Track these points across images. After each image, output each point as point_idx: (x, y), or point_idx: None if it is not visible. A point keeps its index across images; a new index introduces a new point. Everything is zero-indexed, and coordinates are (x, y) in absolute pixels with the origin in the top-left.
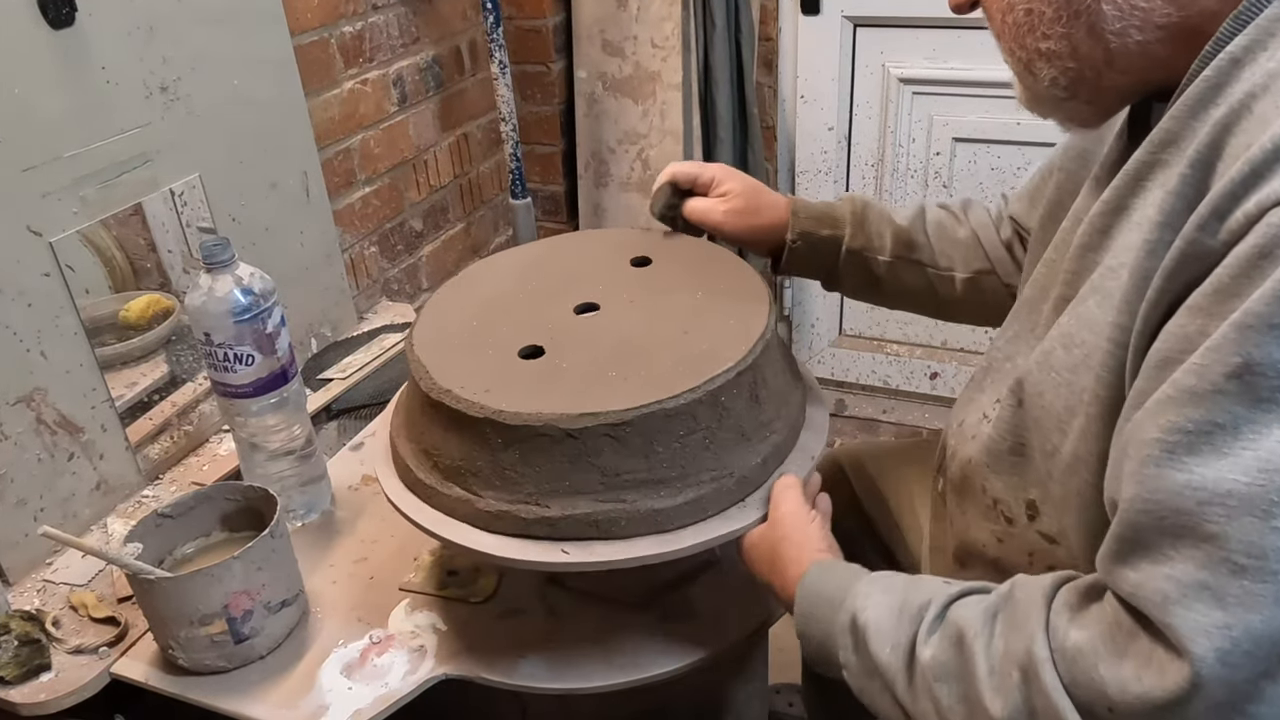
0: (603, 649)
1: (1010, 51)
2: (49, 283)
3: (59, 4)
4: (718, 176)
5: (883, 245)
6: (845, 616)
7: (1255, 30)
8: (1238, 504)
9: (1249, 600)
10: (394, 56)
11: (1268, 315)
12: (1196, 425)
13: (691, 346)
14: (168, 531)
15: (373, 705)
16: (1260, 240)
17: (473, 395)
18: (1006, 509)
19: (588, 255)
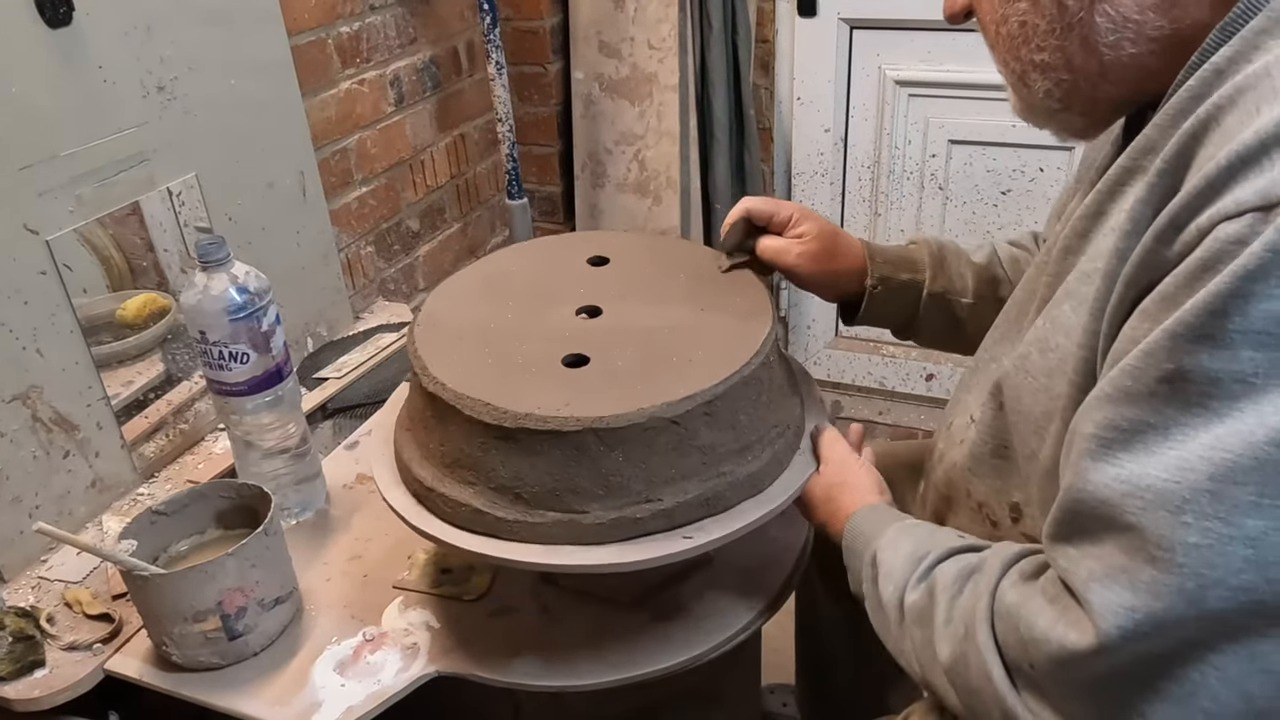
0: (595, 647)
1: (1004, 63)
2: (45, 280)
3: (56, 3)
4: (795, 215)
5: (965, 287)
6: (870, 553)
7: (1239, 42)
8: (1154, 499)
9: (1156, 588)
10: (391, 57)
11: (1198, 325)
12: (1130, 424)
13: (717, 326)
14: (162, 529)
15: (365, 702)
16: (1205, 253)
17: (557, 411)
18: (991, 512)
19: (555, 261)
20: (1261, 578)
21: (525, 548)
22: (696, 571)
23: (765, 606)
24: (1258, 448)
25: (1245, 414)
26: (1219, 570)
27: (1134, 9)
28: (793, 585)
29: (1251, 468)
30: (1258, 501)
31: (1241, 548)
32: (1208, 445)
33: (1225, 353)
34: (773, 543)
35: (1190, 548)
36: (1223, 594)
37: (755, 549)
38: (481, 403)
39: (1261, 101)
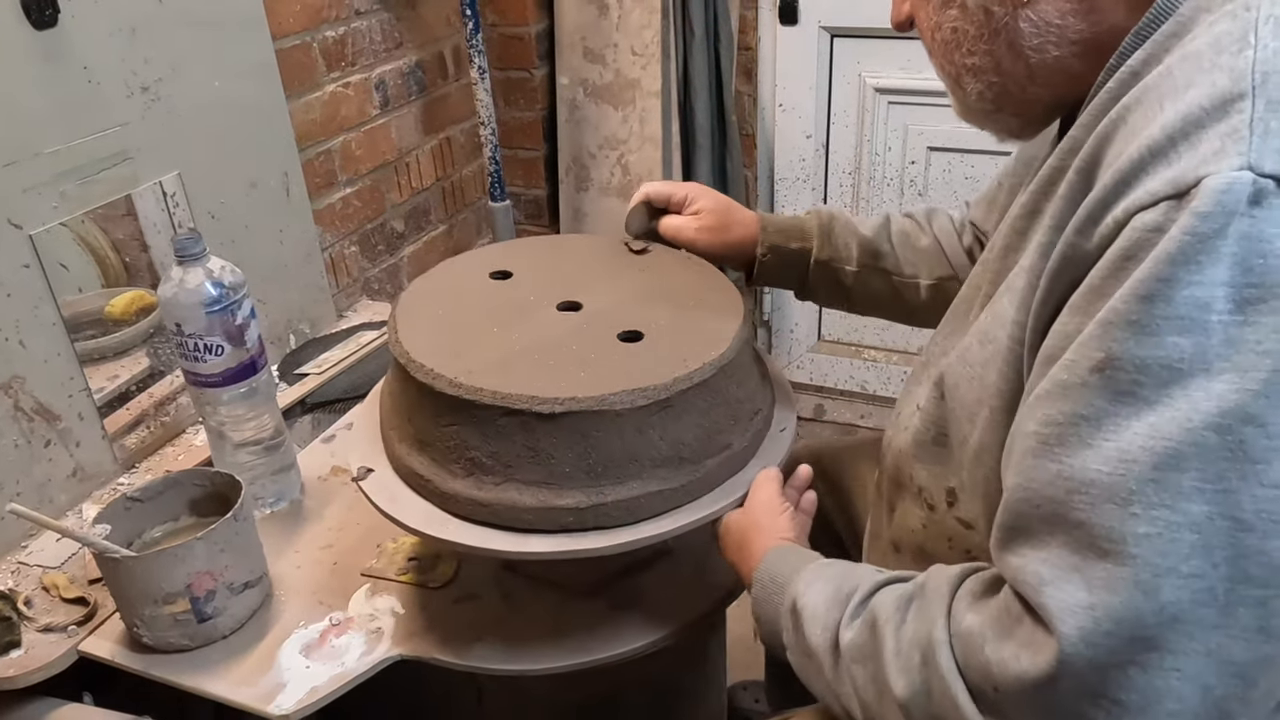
0: (554, 633)
1: (941, 67)
2: (28, 274)
3: (42, 5)
4: (690, 194)
5: (849, 255)
6: (788, 600)
7: (1151, 45)
8: (1100, 493)
9: (1111, 583)
10: (376, 61)
11: (1126, 312)
12: (1066, 418)
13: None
14: (137, 515)
15: (329, 683)
16: (1125, 244)
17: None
18: (930, 496)
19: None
20: (1208, 562)
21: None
22: (656, 561)
23: (721, 597)
24: (1195, 433)
25: (1177, 400)
26: (1170, 558)
27: (1055, 14)
28: None
29: (1191, 454)
30: (1199, 486)
31: (1189, 534)
32: (1145, 434)
33: (1152, 339)
34: None
35: (1141, 538)
36: (1176, 583)
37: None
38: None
39: (1164, 98)
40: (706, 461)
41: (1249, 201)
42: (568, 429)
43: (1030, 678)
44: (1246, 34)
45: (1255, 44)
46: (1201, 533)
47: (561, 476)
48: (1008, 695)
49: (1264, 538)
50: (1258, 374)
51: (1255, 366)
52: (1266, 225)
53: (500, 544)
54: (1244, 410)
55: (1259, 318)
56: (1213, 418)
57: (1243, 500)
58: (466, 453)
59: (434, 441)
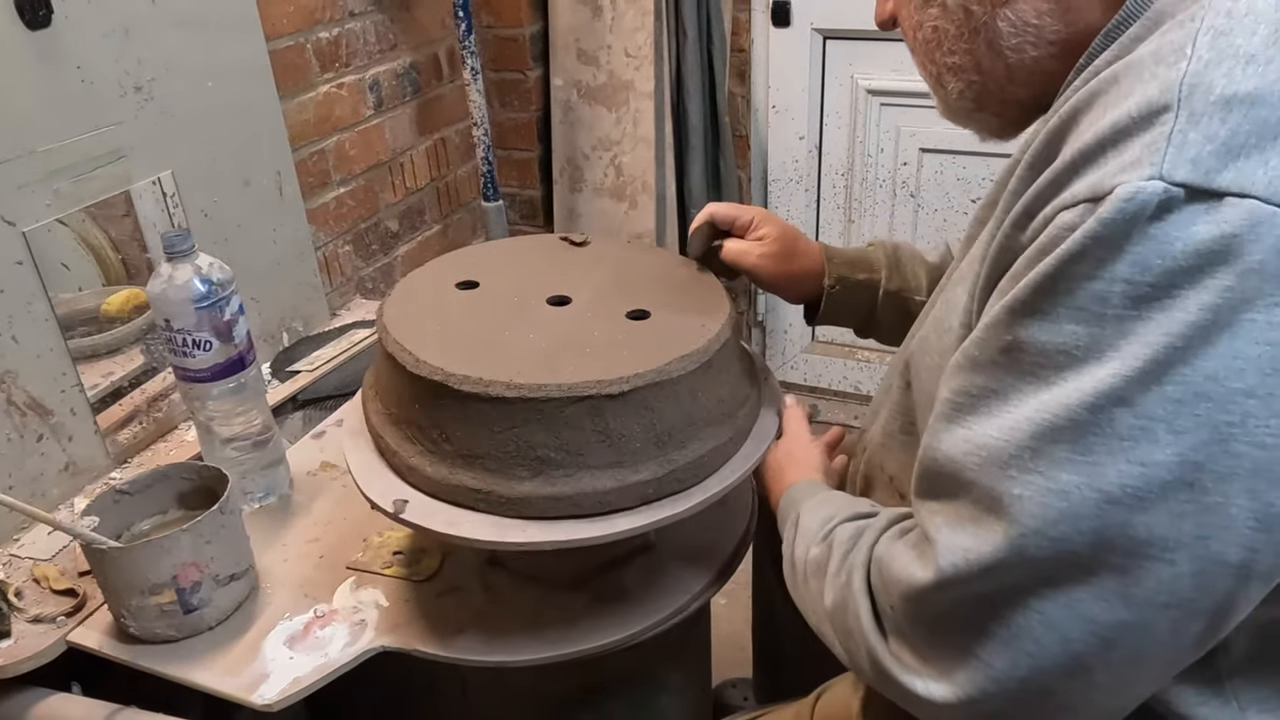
0: (536, 625)
1: (922, 66)
2: (21, 270)
3: (36, 6)
4: (756, 219)
5: (919, 285)
6: (794, 515)
7: (1119, 47)
8: (987, 456)
9: (985, 536)
10: (370, 62)
11: (1030, 301)
12: (978, 390)
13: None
14: (125, 508)
15: (312, 674)
16: (1045, 239)
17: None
18: (900, 485)
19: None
20: (1074, 529)
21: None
22: (638, 556)
23: (702, 591)
24: (1072, 410)
25: (1067, 381)
26: (1038, 520)
27: (1032, 14)
28: (731, 572)
29: (1066, 428)
30: (1070, 458)
31: (1057, 500)
32: (1033, 409)
33: (1052, 326)
34: (712, 530)
35: (1014, 499)
36: (1042, 543)
37: (695, 536)
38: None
39: (1109, 105)
40: (739, 413)
41: (1157, 208)
42: (635, 404)
43: (911, 590)
44: (1184, 45)
45: (1190, 55)
46: (1069, 501)
47: (633, 452)
48: (900, 608)
49: (1129, 512)
50: (1135, 362)
51: (1136, 355)
52: (1171, 229)
53: (598, 530)
54: (1116, 393)
55: (1150, 314)
56: (1088, 397)
57: (1109, 474)
58: (533, 452)
59: (489, 452)
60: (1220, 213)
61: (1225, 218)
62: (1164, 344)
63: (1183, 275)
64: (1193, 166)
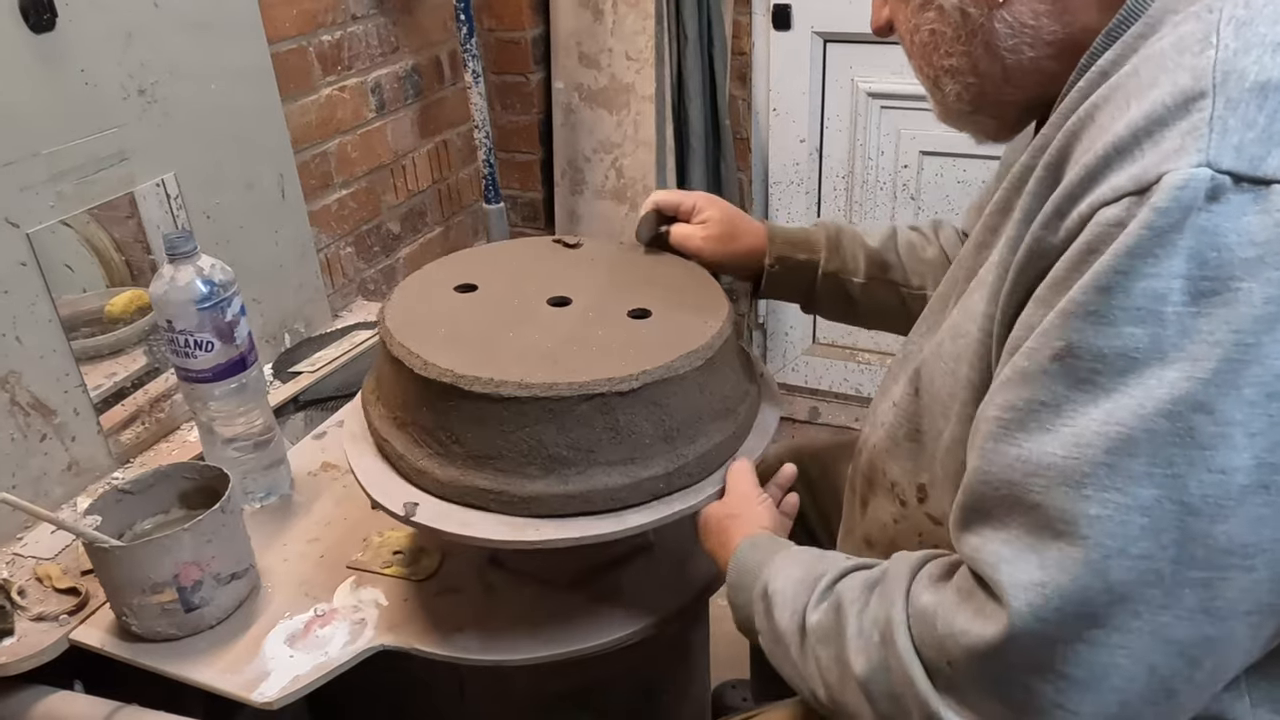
0: (534, 625)
1: (919, 69)
2: (25, 271)
3: (40, 9)
4: (699, 204)
5: (857, 267)
6: (760, 586)
7: (1121, 46)
8: (1055, 476)
9: (1062, 562)
10: (373, 65)
11: (1085, 303)
12: (1026, 404)
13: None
14: (127, 507)
15: (311, 672)
16: (1089, 237)
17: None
18: (901, 492)
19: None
20: (1156, 545)
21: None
22: (635, 556)
23: (699, 591)
24: (1147, 420)
25: (1131, 388)
26: (1119, 540)
27: (1029, 15)
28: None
29: (1143, 440)
30: (1149, 471)
31: (1138, 517)
32: (1100, 420)
33: (1109, 329)
34: None
35: (1092, 520)
36: (1125, 564)
37: (692, 536)
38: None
39: (1130, 97)
40: (740, 408)
41: (1206, 197)
42: (645, 400)
43: (979, 648)
44: (1209, 34)
45: (1217, 44)
46: (1151, 516)
47: (643, 448)
48: (960, 668)
49: (1210, 522)
50: (1208, 363)
51: (1206, 356)
52: (1222, 220)
53: (610, 526)
54: (1194, 398)
55: (1212, 309)
56: (1164, 405)
57: (1190, 485)
58: (544, 451)
59: (501, 452)
60: (1270, 200)
61: (1276, 205)
62: (1233, 341)
63: (1241, 267)
64: (1237, 154)
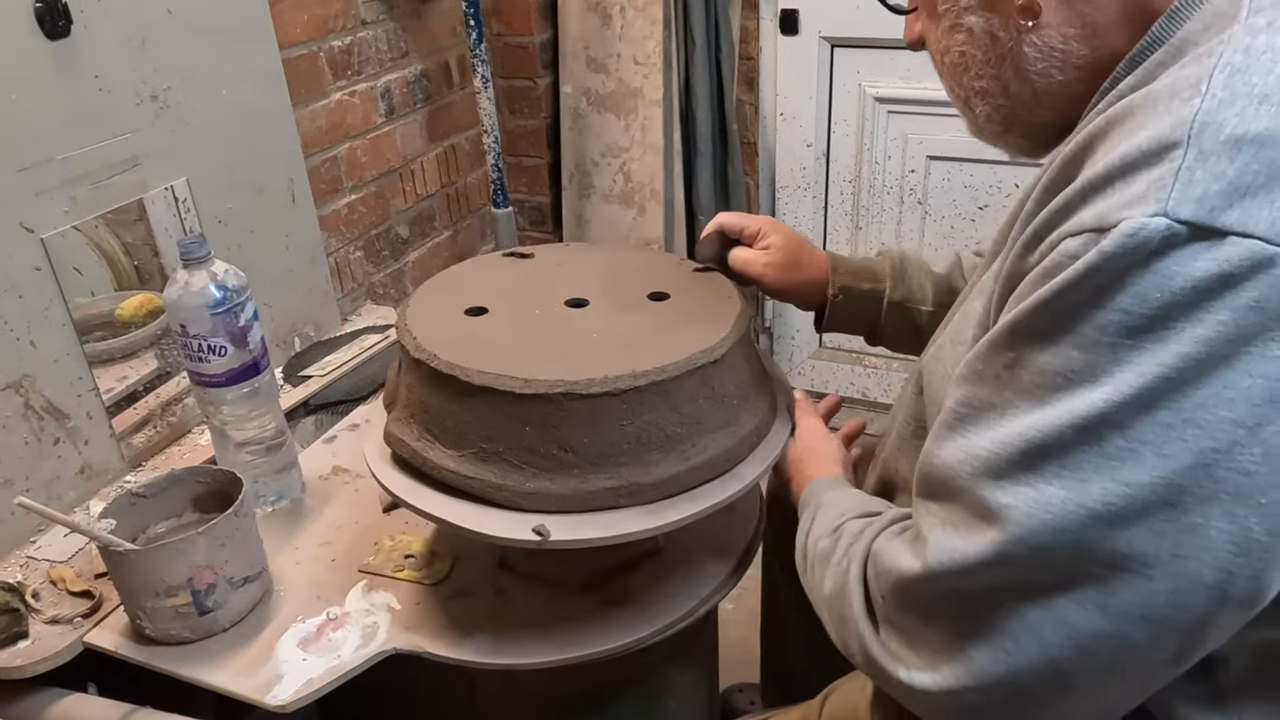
0: (545, 629)
1: (950, 89)
2: (39, 276)
3: (55, 16)
4: (764, 229)
5: (924, 295)
6: (813, 509)
7: (1141, 73)
8: (980, 466)
9: (972, 538)
10: (382, 70)
11: (1029, 322)
12: (980, 402)
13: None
14: (141, 510)
15: (324, 675)
16: (1049, 263)
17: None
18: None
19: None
20: (1056, 540)
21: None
22: (646, 560)
23: (710, 595)
24: (1063, 429)
25: (1060, 403)
26: (1022, 530)
27: (1059, 39)
28: (740, 575)
29: (1055, 445)
30: (1059, 473)
31: (1042, 511)
32: (1026, 425)
33: (1052, 349)
34: (720, 533)
35: (1003, 508)
36: (1024, 551)
37: (702, 539)
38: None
39: (1123, 136)
40: (762, 395)
41: (1160, 243)
42: (730, 365)
43: (903, 575)
44: (1200, 82)
45: (1205, 92)
46: (1053, 514)
47: (732, 408)
48: (890, 598)
49: (1110, 526)
50: (1129, 389)
51: (1130, 383)
52: (1172, 263)
53: (732, 487)
54: (1109, 416)
55: (1145, 344)
56: (1079, 419)
57: (1094, 490)
58: (661, 433)
59: (620, 447)
60: (1221, 250)
61: (1226, 255)
62: (1157, 373)
63: (1179, 309)
64: (1197, 205)
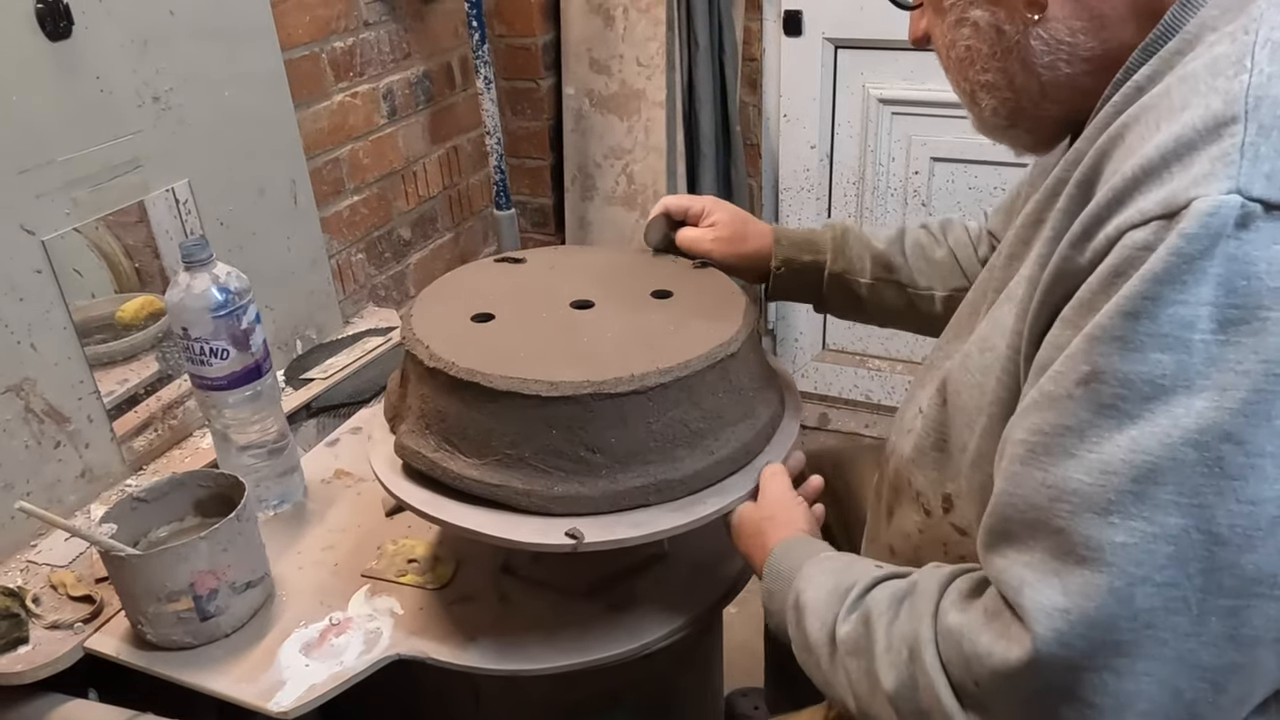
0: (549, 634)
1: (956, 84)
2: (40, 279)
3: (56, 18)
4: (707, 207)
5: (863, 268)
6: (792, 595)
7: (1157, 61)
8: (1080, 501)
9: (1087, 589)
10: (384, 71)
11: (1111, 328)
12: (1052, 428)
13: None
14: (142, 515)
15: (327, 681)
16: (1116, 260)
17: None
18: (926, 501)
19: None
20: (1182, 574)
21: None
22: (652, 565)
23: (715, 601)
24: (1174, 449)
25: (1158, 416)
26: (1144, 567)
27: (1066, 32)
28: (744, 581)
29: (1169, 469)
30: (1176, 500)
31: (1164, 545)
32: (1127, 448)
33: (1136, 355)
34: (727, 539)
35: (1118, 547)
36: (1149, 591)
37: (707, 544)
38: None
39: (1161, 118)
40: (772, 387)
41: (1236, 224)
42: (742, 358)
43: (1004, 670)
44: (1243, 58)
45: (1251, 68)
46: (1177, 545)
47: (748, 400)
48: (987, 688)
49: (1238, 551)
50: (1237, 393)
51: (1235, 385)
52: (1251, 248)
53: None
54: (1222, 428)
55: (1240, 338)
56: (1191, 434)
57: (1218, 515)
58: (686, 429)
59: (647, 445)
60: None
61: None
62: (1262, 370)
63: (1270, 295)
64: (1268, 181)
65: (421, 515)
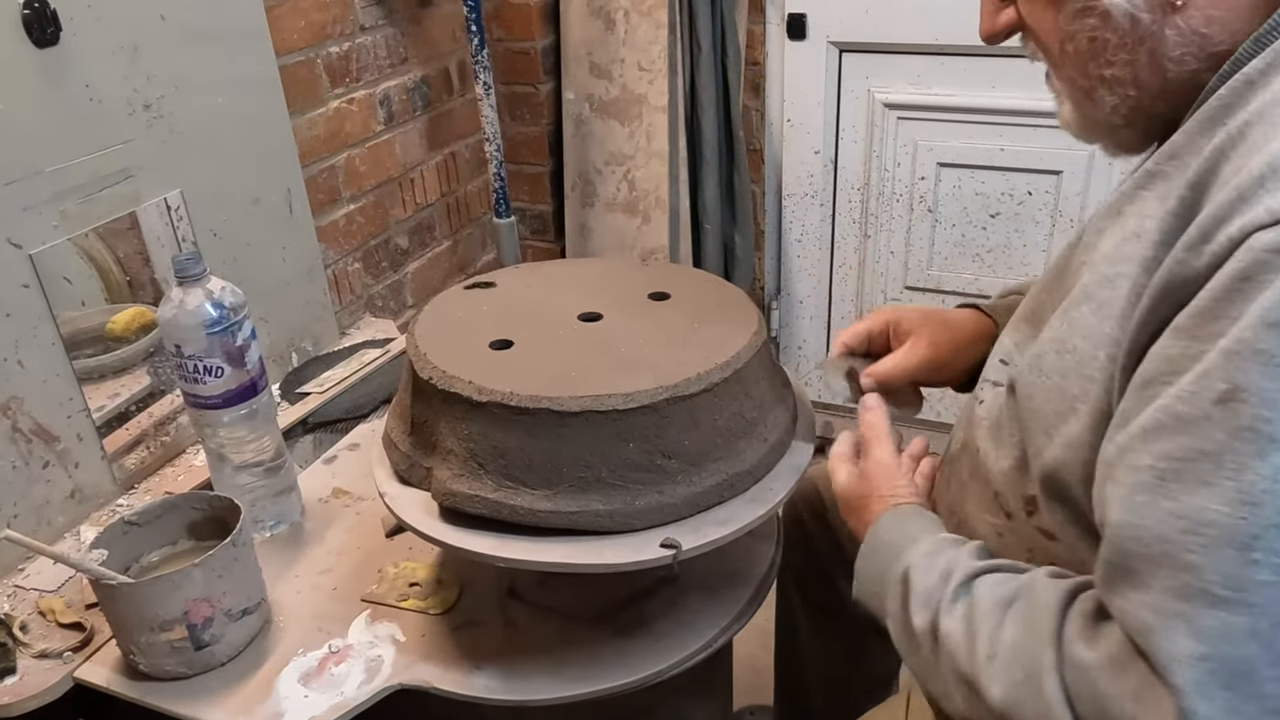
0: (557, 662)
1: (1071, 80)
2: (28, 294)
3: (44, 24)
4: (891, 323)
5: None
6: (901, 569)
7: (1271, 54)
8: (1218, 535)
9: (1226, 632)
10: (381, 76)
11: (1253, 340)
12: (1184, 452)
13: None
14: (134, 539)
15: (327, 713)
16: (1241, 264)
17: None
18: (1006, 503)
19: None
20: None
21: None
22: (660, 588)
23: (728, 624)
24: None
25: None
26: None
27: (1202, 21)
28: (757, 604)
29: None
30: None
31: None
32: (1269, 476)
33: (1278, 371)
34: (738, 560)
35: (1261, 586)
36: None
37: (719, 566)
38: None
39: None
40: (786, 400)
41: None
42: (757, 364)
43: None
44: None
45: None
46: None
47: (763, 409)
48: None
49: None
50: None
51: None
52: None
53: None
54: None
55: None
56: None
57: None
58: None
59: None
60: None
61: None
62: None
63: None
64: None
65: (502, 562)
